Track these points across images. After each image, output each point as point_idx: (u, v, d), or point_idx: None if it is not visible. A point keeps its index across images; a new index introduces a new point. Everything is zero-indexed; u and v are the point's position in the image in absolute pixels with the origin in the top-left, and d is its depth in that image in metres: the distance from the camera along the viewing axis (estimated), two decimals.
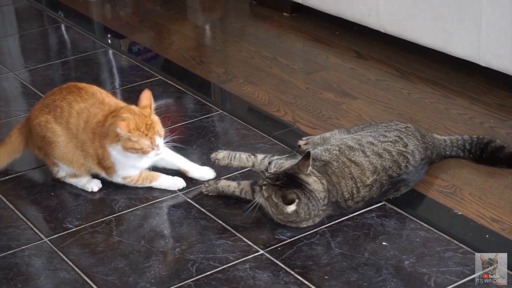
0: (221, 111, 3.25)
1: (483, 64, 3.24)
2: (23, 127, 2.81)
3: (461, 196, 2.63)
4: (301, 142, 2.90)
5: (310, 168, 2.44)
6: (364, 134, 2.68)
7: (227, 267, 2.36)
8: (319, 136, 2.87)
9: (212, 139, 3.05)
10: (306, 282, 2.28)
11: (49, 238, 2.53)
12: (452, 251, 2.37)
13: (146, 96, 2.62)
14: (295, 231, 2.48)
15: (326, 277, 2.30)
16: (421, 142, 2.67)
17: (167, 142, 2.66)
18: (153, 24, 4.22)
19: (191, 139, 3.04)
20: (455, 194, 2.64)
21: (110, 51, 3.91)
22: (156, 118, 2.62)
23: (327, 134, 2.85)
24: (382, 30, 3.64)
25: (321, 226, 2.50)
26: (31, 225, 2.59)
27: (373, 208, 2.58)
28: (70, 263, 2.41)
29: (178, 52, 3.84)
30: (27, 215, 2.64)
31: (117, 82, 3.61)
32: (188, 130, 3.12)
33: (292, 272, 2.32)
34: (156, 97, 3.38)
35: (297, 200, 2.40)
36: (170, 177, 2.73)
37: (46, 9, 4.46)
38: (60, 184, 2.80)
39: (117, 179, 2.71)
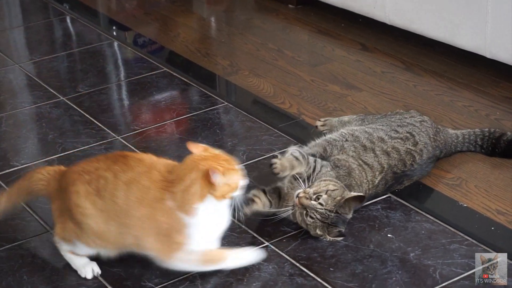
0: (226, 103, 3.24)
1: (489, 56, 3.23)
2: (51, 178, 2.36)
3: (466, 188, 2.63)
4: (318, 123, 2.89)
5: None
6: (376, 128, 2.66)
7: None
8: (337, 119, 2.87)
9: (217, 131, 3.05)
10: (311, 274, 2.28)
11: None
12: (457, 243, 2.37)
13: (194, 144, 2.25)
14: None
15: (331, 269, 2.30)
16: (432, 141, 2.65)
17: None
18: (159, 16, 4.21)
19: (196, 131, 3.04)
20: (460, 187, 2.64)
21: (115, 43, 3.91)
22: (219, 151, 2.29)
23: (345, 118, 2.84)
24: (387, 22, 3.63)
25: None
26: (37, 217, 2.59)
27: (378, 200, 2.58)
28: None
29: (184, 44, 3.84)
30: (32, 207, 2.64)
31: (122, 75, 3.61)
32: (193, 122, 3.12)
33: (297, 264, 2.32)
34: (161, 89, 3.41)
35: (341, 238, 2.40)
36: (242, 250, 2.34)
37: (51, 1, 4.46)
38: None
39: (180, 261, 2.24)
